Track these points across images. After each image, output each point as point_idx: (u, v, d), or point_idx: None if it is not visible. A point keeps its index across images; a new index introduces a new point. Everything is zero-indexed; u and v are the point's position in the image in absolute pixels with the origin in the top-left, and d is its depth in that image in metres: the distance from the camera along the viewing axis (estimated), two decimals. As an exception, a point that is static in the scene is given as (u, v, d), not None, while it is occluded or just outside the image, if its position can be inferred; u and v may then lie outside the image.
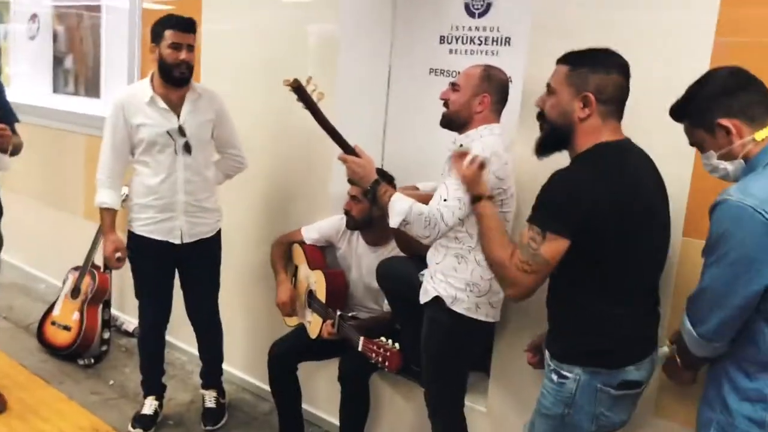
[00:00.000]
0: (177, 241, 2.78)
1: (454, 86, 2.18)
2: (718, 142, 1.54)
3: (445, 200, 2.00)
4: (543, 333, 1.99)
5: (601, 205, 1.58)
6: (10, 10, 4.94)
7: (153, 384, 3.01)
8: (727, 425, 1.52)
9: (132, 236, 2.80)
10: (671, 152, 1.84)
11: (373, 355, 2.28)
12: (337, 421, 2.72)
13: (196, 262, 2.87)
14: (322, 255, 2.80)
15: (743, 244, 1.42)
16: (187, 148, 2.71)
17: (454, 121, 2.18)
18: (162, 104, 2.68)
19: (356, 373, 2.57)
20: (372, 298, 2.73)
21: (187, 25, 2.65)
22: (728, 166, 1.55)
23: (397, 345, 2.26)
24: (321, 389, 2.94)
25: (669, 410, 2.02)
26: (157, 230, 2.76)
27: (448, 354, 2.23)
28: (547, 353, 1.81)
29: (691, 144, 1.64)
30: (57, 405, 3.06)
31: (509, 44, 2.62)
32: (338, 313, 2.51)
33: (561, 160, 1.75)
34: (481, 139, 2.09)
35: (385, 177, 2.49)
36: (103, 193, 2.75)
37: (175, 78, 2.64)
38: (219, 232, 2.92)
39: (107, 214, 2.78)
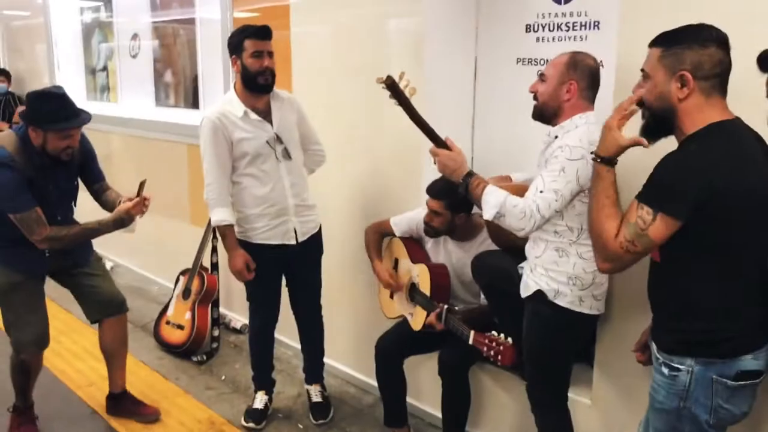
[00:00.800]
0: (293, 242, 2.89)
1: (541, 77, 2.15)
2: None
3: (541, 191, 1.99)
4: (647, 329, 1.94)
5: (719, 189, 1.52)
6: (114, 30, 5.27)
7: (263, 379, 3.15)
8: None
9: (245, 245, 2.87)
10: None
11: (485, 348, 2.27)
12: (440, 414, 2.76)
13: (305, 260, 2.98)
14: (422, 249, 2.83)
15: None
16: (287, 153, 2.82)
17: (544, 113, 2.14)
18: (254, 116, 2.76)
19: (456, 366, 2.60)
20: (467, 292, 2.74)
21: (265, 33, 2.71)
22: None
23: (510, 339, 2.25)
24: (424, 382, 2.98)
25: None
26: (274, 235, 2.87)
27: (551, 348, 2.21)
28: (654, 346, 1.76)
29: None
30: (176, 399, 3.27)
31: (598, 28, 2.55)
32: (445, 306, 2.53)
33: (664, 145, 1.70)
34: (577, 130, 2.05)
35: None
36: (219, 212, 2.80)
37: (260, 85, 2.71)
38: (320, 227, 3.02)
39: (229, 231, 2.83)
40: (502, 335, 2.27)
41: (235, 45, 2.71)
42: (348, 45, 3.19)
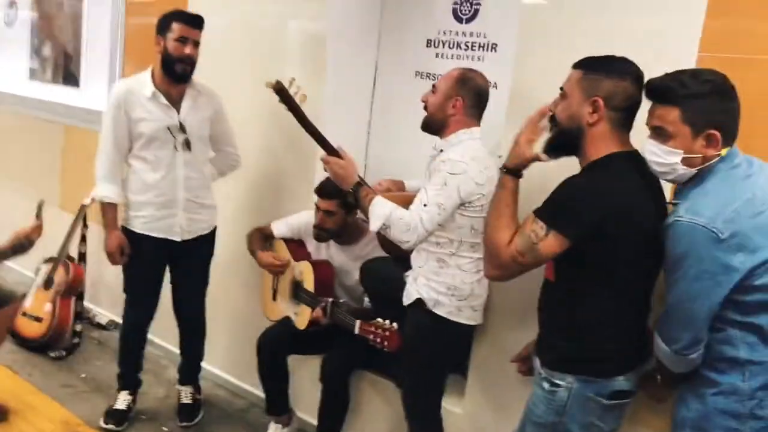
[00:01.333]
0: (177, 238, 2.77)
1: (433, 88, 2.22)
2: (693, 145, 1.55)
3: (425, 205, 2.04)
4: (531, 342, 2.01)
5: (612, 217, 1.60)
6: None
7: (129, 378, 2.98)
8: (702, 420, 1.58)
9: (127, 233, 2.76)
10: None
11: (372, 336, 2.27)
12: (314, 421, 2.72)
13: (190, 259, 2.86)
14: (305, 247, 2.80)
15: (701, 260, 1.50)
16: (188, 144, 2.70)
17: (432, 124, 2.21)
18: (163, 100, 2.67)
19: (339, 372, 2.58)
20: (349, 296, 2.74)
21: (195, 21, 2.65)
22: (685, 172, 1.57)
23: (395, 324, 2.25)
24: (302, 389, 2.92)
25: (644, 418, 2.05)
26: (156, 227, 2.75)
27: (428, 356, 2.25)
28: (537, 361, 1.83)
29: (652, 127, 1.61)
30: (26, 397, 3.01)
31: (495, 50, 2.65)
32: (330, 299, 2.51)
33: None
34: (461, 144, 2.13)
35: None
36: (104, 187, 2.72)
37: (177, 73, 2.64)
38: (215, 229, 2.92)
39: (110, 209, 2.74)
40: (387, 321, 2.27)
41: (162, 25, 2.64)
42: (248, 42, 3.11)
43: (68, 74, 4.24)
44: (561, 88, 1.76)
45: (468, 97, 2.17)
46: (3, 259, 2.56)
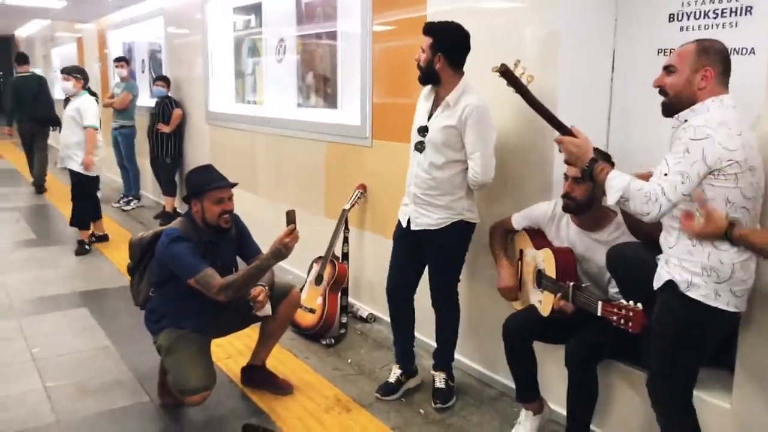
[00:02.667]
0: (404, 225, 3.09)
1: (668, 69, 2.08)
2: None
3: (665, 174, 1.93)
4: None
5: None
6: (262, 39, 5.66)
7: (398, 356, 3.31)
8: None
9: None
10: None
11: (614, 317, 2.21)
12: (564, 411, 2.71)
13: (432, 250, 3.08)
14: (545, 236, 2.83)
15: None
16: (421, 147, 2.95)
17: (677, 107, 2.06)
18: (428, 103, 2.99)
19: (583, 357, 2.53)
20: (593, 283, 2.68)
21: (424, 27, 2.90)
22: None
23: (639, 305, 2.17)
24: (549, 378, 2.93)
25: None
26: (400, 212, 3.15)
27: (680, 343, 2.11)
28: None
29: None
30: (305, 376, 3.45)
31: (750, 13, 2.43)
32: (571, 283, 2.50)
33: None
34: (707, 112, 1.97)
35: (602, 156, 2.45)
36: None
37: (419, 78, 2.96)
38: (453, 228, 2.99)
39: None
40: (630, 302, 2.19)
41: None
42: (485, 46, 3.20)
43: (328, 98, 4.77)
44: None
45: (716, 64, 2.02)
46: (267, 266, 2.84)
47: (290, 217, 2.79)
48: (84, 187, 5.81)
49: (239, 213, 3.14)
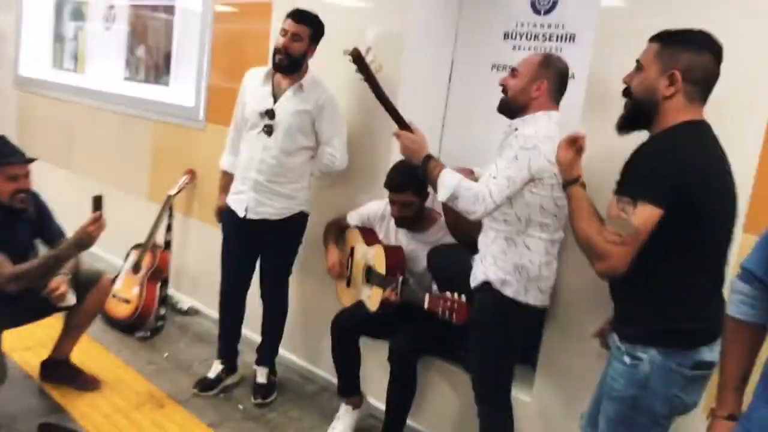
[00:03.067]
0: (241, 214, 2.92)
1: (513, 72, 2.22)
2: None
3: (494, 177, 2.05)
4: (610, 318, 2.00)
5: (688, 177, 1.59)
6: (88, 5, 5.18)
7: (221, 347, 3.20)
8: None
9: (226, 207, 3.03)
10: (736, 147, 1.84)
11: (440, 309, 2.29)
12: (383, 406, 2.77)
13: (265, 241, 2.99)
14: (376, 234, 2.88)
15: None
16: (269, 130, 2.84)
17: (511, 107, 2.20)
18: (268, 86, 2.87)
19: (406, 353, 2.62)
20: (417, 283, 2.78)
21: (300, 16, 2.78)
22: None
23: (463, 297, 2.27)
24: (372, 375, 2.98)
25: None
26: (233, 201, 2.97)
27: (497, 338, 2.26)
28: (616, 336, 1.80)
29: None
30: (115, 371, 3.20)
31: (573, 41, 2.65)
32: (400, 277, 2.56)
33: (627, 145, 1.77)
34: (536, 124, 2.12)
35: None
36: (223, 157, 3.12)
37: (274, 63, 2.80)
38: (294, 219, 2.96)
39: (223, 176, 3.12)
40: (455, 294, 2.29)
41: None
42: (332, 39, 3.18)
43: (159, 74, 4.47)
44: (637, 61, 1.76)
45: (552, 79, 2.17)
46: (68, 256, 2.62)
47: (97, 203, 2.57)
48: None
49: (50, 191, 2.84)
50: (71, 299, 2.73)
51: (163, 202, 3.93)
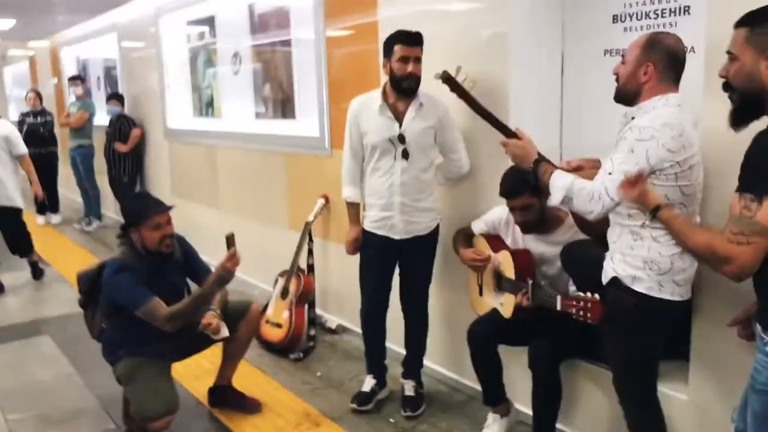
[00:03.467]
0: (396, 237, 3.03)
1: (623, 59, 2.13)
2: None
3: (610, 173, 1.98)
4: (747, 306, 1.86)
5: None
6: (217, 54, 5.62)
7: (371, 365, 3.31)
8: None
9: (364, 231, 3.13)
10: None
11: (574, 310, 2.25)
12: (530, 411, 2.73)
13: (412, 257, 3.09)
14: (503, 240, 2.86)
15: None
16: (406, 154, 2.94)
17: (624, 95, 2.11)
18: (388, 113, 2.95)
19: (546, 359, 2.56)
20: (553, 285, 2.72)
21: (414, 39, 2.85)
22: None
23: (596, 295, 2.21)
24: (514, 379, 2.95)
25: None
26: (379, 227, 3.06)
27: (633, 336, 2.15)
28: (758, 327, 1.68)
29: None
30: (274, 392, 3.42)
31: (688, 13, 2.48)
32: (530, 281, 2.53)
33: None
34: (654, 111, 2.01)
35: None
36: (345, 189, 3.15)
37: (404, 89, 2.89)
38: (435, 230, 3.09)
39: (349, 207, 3.18)
40: (588, 293, 2.24)
41: (386, 49, 2.90)
42: (437, 53, 3.20)
43: (286, 109, 4.74)
44: (728, 52, 1.64)
45: (660, 61, 2.04)
46: (212, 292, 2.82)
47: (230, 240, 2.74)
48: (17, 215, 5.51)
49: (202, 229, 3.10)
50: (224, 332, 2.96)
51: (302, 229, 4.15)
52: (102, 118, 8.00)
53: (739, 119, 1.66)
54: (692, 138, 2.00)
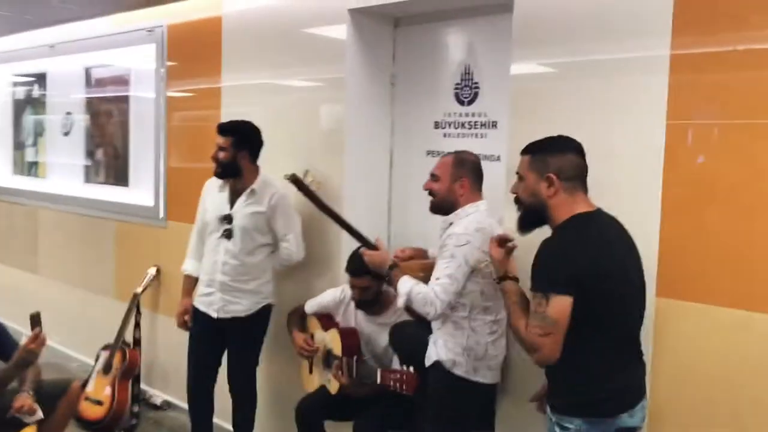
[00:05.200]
0: (213, 315, 3.10)
1: (433, 177, 2.48)
2: None
3: (438, 279, 2.27)
4: (545, 384, 2.15)
5: (583, 267, 1.81)
6: (46, 105, 5.38)
7: None
8: None
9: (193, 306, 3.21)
10: (637, 217, 2.09)
11: (391, 383, 2.45)
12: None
13: (235, 337, 3.16)
14: (333, 319, 3.04)
15: None
16: (228, 234, 3.04)
17: (442, 207, 2.46)
18: (226, 192, 3.09)
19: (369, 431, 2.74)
20: (379, 363, 2.91)
21: (219, 128, 3.06)
22: None
23: (411, 368, 2.43)
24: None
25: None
26: (202, 302, 3.15)
27: (451, 415, 2.41)
28: (548, 408, 1.99)
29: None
30: (92, 476, 3.25)
31: (496, 127, 2.90)
32: (354, 357, 2.71)
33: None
34: (467, 217, 2.36)
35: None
36: (186, 262, 3.28)
37: (217, 174, 3.06)
38: (259, 312, 3.14)
39: (184, 278, 3.28)
40: (404, 366, 2.46)
41: None
42: (275, 128, 3.35)
43: (119, 175, 4.64)
44: (517, 173, 2.02)
45: (470, 174, 2.43)
46: (11, 376, 2.69)
47: (35, 320, 2.67)
48: None
49: (16, 294, 2.93)
50: (39, 414, 2.77)
51: (130, 300, 4.04)
52: None
53: (525, 226, 2.02)
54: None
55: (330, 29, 3.19)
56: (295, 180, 2.49)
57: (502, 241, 2.10)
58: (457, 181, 2.40)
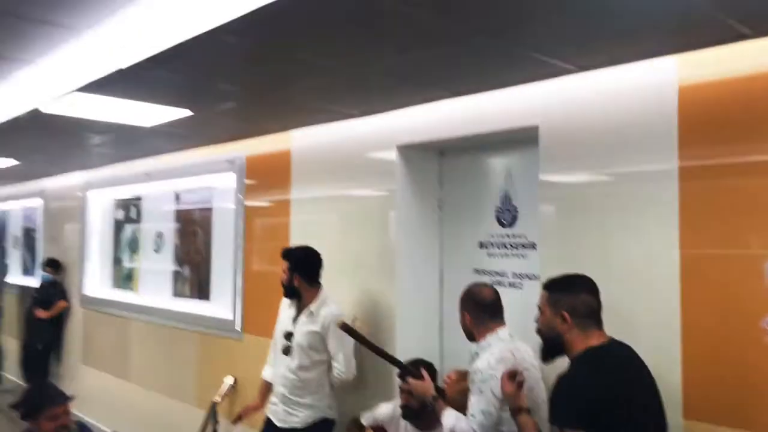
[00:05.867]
0: (278, 424, 3.37)
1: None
2: None
3: (473, 415, 2.43)
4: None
5: (592, 400, 1.96)
6: (141, 225, 5.99)
7: None
8: None
9: None
10: (657, 346, 2.21)
11: None
12: None
13: None
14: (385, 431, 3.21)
15: None
16: (288, 351, 3.34)
17: (468, 336, 2.69)
18: (292, 311, 3.41)
19: None
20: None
21: (282, 253, 3.42)
22: None
23: None
24: None
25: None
26: (271, 411, 3.44)
27: None
28: None
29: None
30: None
31: (534, 248, 3.10)
32: None
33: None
34: (489, 348, 2.54)
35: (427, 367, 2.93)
36: (265, 368, 3.64)
37: (284, 293, 3.41)
38: (316, 426, 3.35)
39: (262, 384, 3.64)
40: None
41: None
42: (337, 237, 3.73)
43: (202, 290, 5.07)
44: (538, 306, 2.21)
45: (471, 310, 2.66)
46: None
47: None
48: None
49: (108, 398, 3.23)
50: None
51: (208, 408, 4.33)
52: (18, 277, 8.02)
53: (547, 355, 2.20)
54: (527, 357, 2.51)
55: (381, 162, 3.53)
56: (344, 327, 2.85)
57: (512, 375, 2.27)
58: (464, 316, 2.66)
